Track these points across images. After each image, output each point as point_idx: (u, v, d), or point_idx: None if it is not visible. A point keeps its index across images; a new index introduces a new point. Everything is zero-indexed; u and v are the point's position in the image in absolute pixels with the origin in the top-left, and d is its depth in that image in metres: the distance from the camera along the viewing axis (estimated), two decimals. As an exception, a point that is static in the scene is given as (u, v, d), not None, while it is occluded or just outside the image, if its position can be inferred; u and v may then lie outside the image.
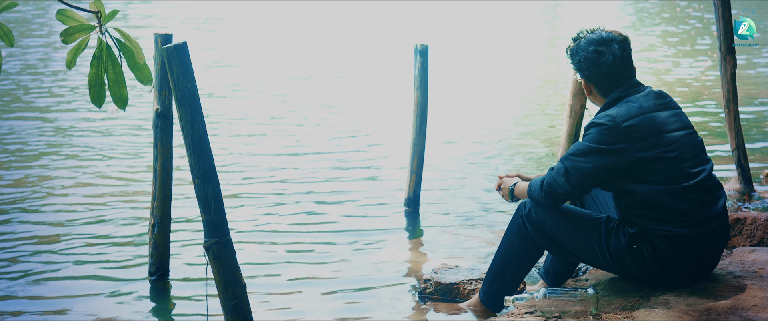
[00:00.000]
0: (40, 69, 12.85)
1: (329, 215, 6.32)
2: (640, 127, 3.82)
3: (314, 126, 9.28)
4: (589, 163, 3.85)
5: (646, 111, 3.87)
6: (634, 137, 3.81)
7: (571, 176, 3.88)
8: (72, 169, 7.49)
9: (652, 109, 3.88)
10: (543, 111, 10.04)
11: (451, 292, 4.66)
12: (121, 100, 3.00)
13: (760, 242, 4.87)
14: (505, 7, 22.78)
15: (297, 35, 17.09)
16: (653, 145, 3.82)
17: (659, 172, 3.81)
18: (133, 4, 22.34)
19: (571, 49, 4.10)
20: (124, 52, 2.92)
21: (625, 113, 3.85)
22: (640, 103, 3.89)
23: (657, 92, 3.99)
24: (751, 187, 6.26)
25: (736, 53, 6.14)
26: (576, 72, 4.12)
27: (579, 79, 4.10)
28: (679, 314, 3.65)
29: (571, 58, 4.10)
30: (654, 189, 3.80)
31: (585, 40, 4.04)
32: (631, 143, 3.81)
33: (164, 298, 4.85)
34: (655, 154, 3.81)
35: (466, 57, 14.55)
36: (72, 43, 2.88)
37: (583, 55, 4.03)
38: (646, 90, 3.99)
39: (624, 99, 3.96)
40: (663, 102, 3.95)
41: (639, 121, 3.83)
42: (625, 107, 3.88)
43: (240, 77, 12.33)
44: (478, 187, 6.95)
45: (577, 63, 4.05)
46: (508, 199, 4.24)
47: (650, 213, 3.83)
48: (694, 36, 16.68)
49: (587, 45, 4.03)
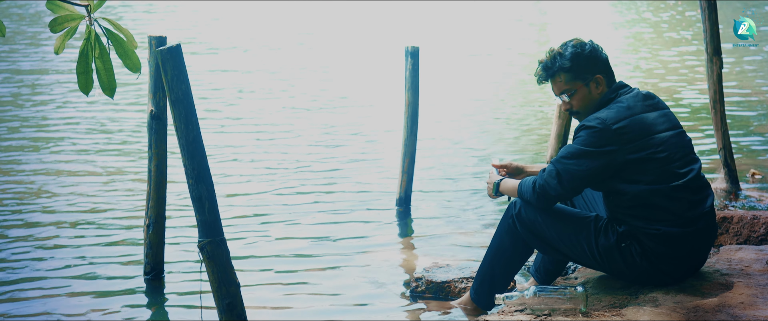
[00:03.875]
0: (35, 66, 12.85)
1: (322, 215, 6.35)
2: (629, 129, 3.85)
3: (306, 126, 9.30)
4: (580, 166, 3.88)
5: (635, 112, 3.90)
6: (623, 139, 3.84)
7: (563, 179, 3.91)
8: (67, 169, 7.50)
9: (640, 111, 3.92)
10: (533, 111, 10.09)
11: (443, 290, 4.70)
12: (109, 88, 3.00)
13: (747, 240, 4.90)
14: (496, 8, 22.81)
15: (286, 36, 17.10)
16: (643, 147, 3.84)
17: (649, 172, 3.84)
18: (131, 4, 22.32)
19: (570, 54, 4.04)
20: (112, 40, 2.92)
21: (614, 115, 3.88)
22: (629, 104, 3.92)
23: (645, 93, 4.03)
24: (737, 186, 6.31)
25: (721, 54, 6.19)
26: (575, 80, 4.06)
27: (581, 83, 4.04)
28: (668, 312, 3.68)
29: (572, 62, 4.03)
30: (644, 189, 3.83)
31: (569, 46, 4.08)
32: (620, 145, 3.84)
33: (159, 296, 4.88)
34: (644, 155, 3.84)
35: (456, 58, 14.59)
36: (60, 31, 2.89)
37: (589, 47, 4.04)
38: (635, 91, 4.02)
39: (613, 100, 4.00)
40: (651, 103, 3.98)
41: (628, 123, 3.86)
42: (614, 109, 3.91)
43: (232, 78, 12.35)
44: (468, 187, 6.99)
45: (586, 59, 4.02)
46: (492, 195, 4.26)
47: (639, 212, 3.86)
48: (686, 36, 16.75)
49: (581, 43, 4.06)
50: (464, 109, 10.31)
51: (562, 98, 4.12)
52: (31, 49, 14.76)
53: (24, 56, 13.99)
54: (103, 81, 2.99)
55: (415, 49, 6.18)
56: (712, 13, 6.13)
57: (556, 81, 4.10)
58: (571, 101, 4.09)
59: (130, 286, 5.00)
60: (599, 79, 4.06)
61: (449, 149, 8.30)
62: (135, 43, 2.97)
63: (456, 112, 10.16)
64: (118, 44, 2.94)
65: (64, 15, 2.87)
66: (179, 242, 5.67)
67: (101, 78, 2.98)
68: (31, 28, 17.53)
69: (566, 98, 4.10)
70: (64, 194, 6.79)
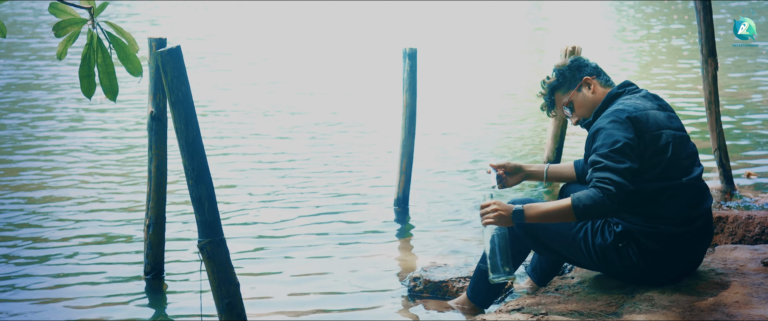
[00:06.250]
0: (34, 67, 12.86)
1: (320, 215, 6.37)
2: (642, 120, 3.86)
3: (304, 127, 9.33)
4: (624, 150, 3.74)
5: (647, 108, 3.93)
6: (638, 127, 3.84)
7: (624, 174, 3.73)
8: (67, 170, 7.52)
9: (650, 108, 3.94)
10: (530, 112, 10.11)
11: (440, 289, 4.72)
12: (111, 92, 3.02)
13: (742, 240, 4.93)
14: (493, 8, 22.82)
15: (282, 37, 17.10)
16: (655, 138, 3.85)
17: (656, 165, 3.84)
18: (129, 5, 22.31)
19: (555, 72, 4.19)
20: (114, 45, 2.93)
21: (628, 106, 3.90)
22: (639, 101, 3.96)
23: (653, 95, 4.08)
24: (732, 186, 6.34)
25: (716, 55, 6.22)
26: (568, 91, 4.15)
27: (573, 91, 4.12)
28: (663, 311, 3.69)
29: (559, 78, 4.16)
30: (648, 185, 3.84)
31: (553, 69, 4.21)
32: (638, 133, 3.83)
33: (159, 296, 4.90)
34: (656, 145, 3.84)
35: (454, 59, 14.60)
36: (64, 36, 2.91)
37: (569, 61, 4.17)
38: (643, 91, 4.07)
39: (622, 95, 4.04)
40: (660, 103, 4.02)
41: (641, 114, 3.88)
42: (623, 104, 3.93)
43: (229, 79, 12.36)
44: (466, 188, 7.02)
45: (570, 70, 4.14)
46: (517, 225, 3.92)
47: (641, 209, 3.87)
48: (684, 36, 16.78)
49: (559, 66, 4.19)
50: (463, 110, 10.33)
51: (566, 115, 4.21)
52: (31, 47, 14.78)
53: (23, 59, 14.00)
54: (106, 85, 3.00)
55: (413, 50, 6.21)
56: (707, 15, 6.15)
57: (557, 102, 4.20)
58: (575, 112, 4.16)
59: (130, 286, 5.02)
60: (588, 81, 4.12)
61: (447, 150, 8.33)
62: (136, 46, 2.99)
63: (455, 112, 10.18)
64: (119, 48, 2.96)
65: (66, 19, 2.88)
66: (179, 242, 5.70)
67: (103, 82, 2.99)
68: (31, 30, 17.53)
69: (569, 112, 4.18)
70: (64, 194, 6.81)
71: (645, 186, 3.85)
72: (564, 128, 6.45)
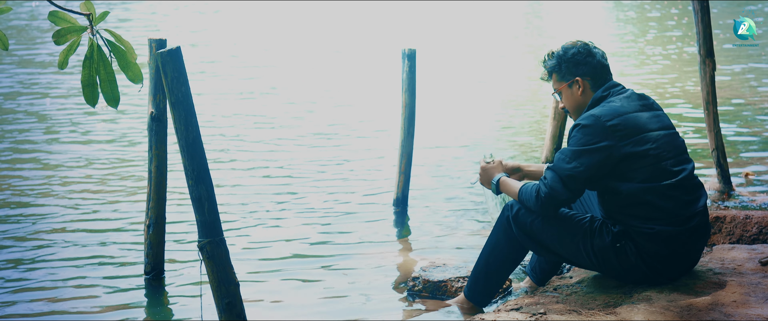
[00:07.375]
0: (35, 72, 12.87)
1: (319, 216, 6.38)
2: (622, 126, 3.87)
3: (303, 127, 9.34)
4: (580, 166, 3.88)
5: (628, 111, 3.93)
6: (617, 135, 3.86)
7: (567, 183, 3.89)
8: (68, 170, 7.54)
9: (634, 110, 3.95)
10: (529, 112, 10.12)
11: (439, 289, 4.74)
12: (113, 99, 3.03)
13: (739, 240, 4.94)
14: (491, 8, 22.83)
15: (281, 38, 17.11)
16: (636, 143, 3.86)
17: (642, 169, 3.86)
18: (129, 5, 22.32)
19: (556, 55, 4.15)
20: (114, 53, 2.95)
21: (607, 112, 3.91)
22: (622, 104, 3.96)
23: (639, 94, 4.06)
24: (730, 186, 6.35)
25: (714, 56, 6.23)
26: (560, 81, 4.15)
27: (565, 84, 4.13)
28: (661, 310, 3.71)
29: (558, 63, 4.13)
30: (637, 187, 3.86)
31: (568, 45, 4.15)
32: (615, 141, 3.86)
33: (159, 296, 4.91)
34: (638, 151, 3.86)
35: (453, 59, 14.61)
36: (64, 44, 2.92)
37: (574, 50, 4.11)
38: (628, 92, 4.06)
39: (606, 99, 4.03)
40: (645, 103, 4.02)
41: (621, 120, 3.88)
42: (607, 107, 3.94)
43: (229, 79, 12.37)
44: (465, 188, 7.03)
45: (568, 62, 4.10)
46: (493, 191, 4.30)
47: (633, 211, 3.89)
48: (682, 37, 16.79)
49: (572, 46, 4.13)
50: (463, 110, 10.35)
51: (555, 97, 4.22)
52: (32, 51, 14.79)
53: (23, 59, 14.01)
54: (107, 92, 3.01)
55: (412, 51, 6.22)
56: (705, 15, 6.16)
57: (552, 80, 4.21)
58: (562, 101, 4.19)
59: (130, 286, 5.03)
60: (579, 82, 4.10)
61: (446, 150, 8.34)
62: (135, 54, 3.01)
63: (454, 112, 10.19)
64: (120, 56, 2.97)
65: (66, 27, 2.90)
66: (179, 242, 5.72)
67: (105, 90, 3.01)
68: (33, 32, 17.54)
69: (557, 98, 4.19)
70: (64, 195, 6.82)
71: (632, 189, 3.86)
72: (562, 129, 6.46)
